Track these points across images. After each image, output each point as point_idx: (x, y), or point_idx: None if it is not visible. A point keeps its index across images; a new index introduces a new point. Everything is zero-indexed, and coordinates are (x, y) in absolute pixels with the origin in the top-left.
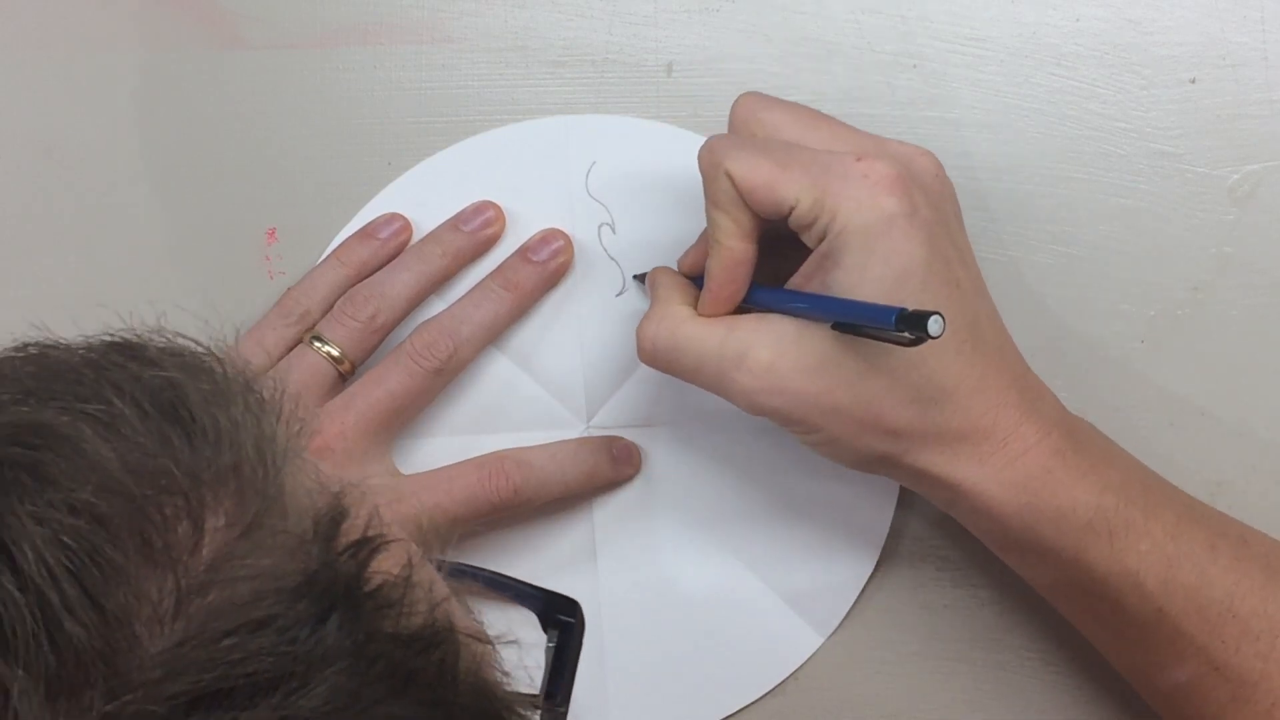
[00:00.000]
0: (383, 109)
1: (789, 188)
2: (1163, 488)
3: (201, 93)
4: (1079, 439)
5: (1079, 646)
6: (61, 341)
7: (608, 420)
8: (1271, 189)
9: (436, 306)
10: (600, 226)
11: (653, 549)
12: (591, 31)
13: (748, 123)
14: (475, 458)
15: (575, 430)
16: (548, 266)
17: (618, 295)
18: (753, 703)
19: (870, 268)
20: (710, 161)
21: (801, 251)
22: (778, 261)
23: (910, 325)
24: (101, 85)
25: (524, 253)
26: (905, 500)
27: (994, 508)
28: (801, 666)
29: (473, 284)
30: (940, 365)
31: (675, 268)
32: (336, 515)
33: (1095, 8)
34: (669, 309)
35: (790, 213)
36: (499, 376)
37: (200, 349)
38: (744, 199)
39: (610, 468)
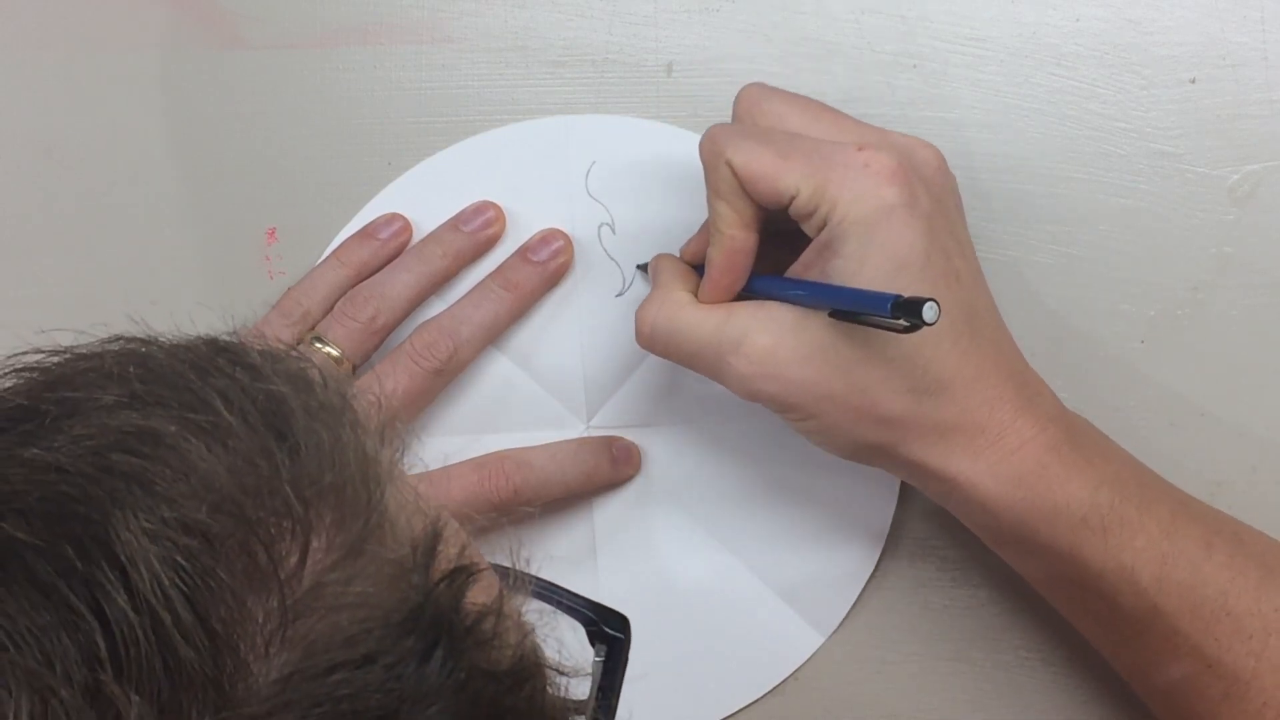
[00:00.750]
0: (383, 109)
1: (789, 177)
2: (1158, 485)
3: (201, 93)
4: (1075, 435)
5: (1079, 646)
6: (159, 338)
7: (608, 420)
8: (1271, 189)
9: (436, 307)
10: (600, 226)
11: (653, 549)
12: (591, 31)
13: (751, 112)
14: (475, 458)
15: (575, 430)
16: (548, 267)
17: (618, 295)
18: (753, 703)
19: (869, 257)
20: (712, 151)
21: (801, 241)
22: (778, 250)
23: (906, 312)
24: (101, 85)
25: (524, 253)
26: (905, 500)
27: (988, 502)
28: (801, 666)
29: (473, 284)
30: (937, 356)
31: (678, 256)
32: (433, 541)
33: (1095, 8)
34: (669, 294)
35: (791, 202)
36: (499, 376)
37: (299, 358)
38: (745, 188)
39: (610, 468)
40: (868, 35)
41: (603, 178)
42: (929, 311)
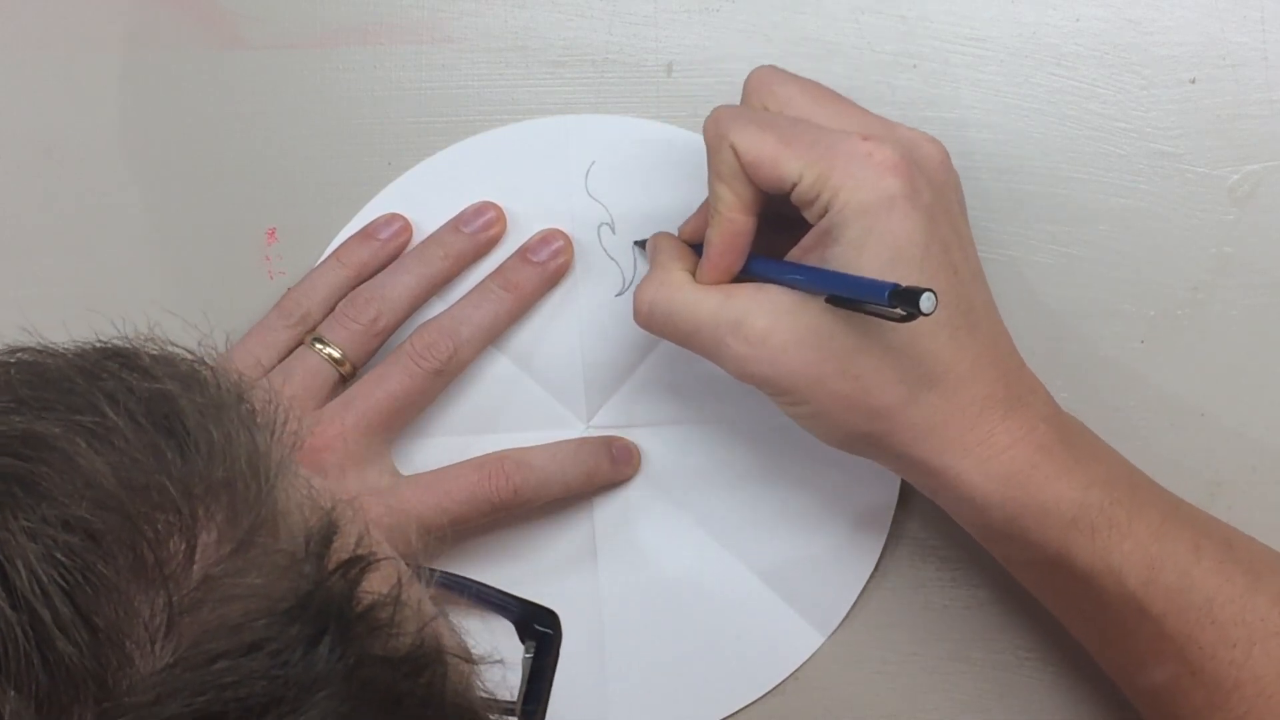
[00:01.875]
0: (383, 109)
1: (792, 164)
2: (1150, 487)
3: (201, 93)
4: (1067, 435)
5: (1078, 647)
6: (53, 347)
7: (608, 420)
8: (1271, 189)
9: (436, 307)
10: (600, 226)
11: (653, 549)
12: (591, 31)
13: (760, 95)
14: (475, 458)
15: (575, 430)
16: (548, 267)
17: (618, 295)
18: (753, 703)
19: (868, 246)
20: (715, 133)
21: (801, 225)
22: (777, 233)
23: (903, 301)
24: (102, 85)
25: (524, 253)
26: (905, 500)
27: (976, 498)
28: (801, 666)
29: (473, 284)
30: (932, 348)
31: (676, 234)
32: (328, 532)
33: (1095, 8)
34: (668, 274)
35: (792, 188)
36: (499, 376)
37: (193, 359)
38: (746, 172)
39: (610, 468)
40: (868, 35)
41: (602, 177)
42: (926, 301)
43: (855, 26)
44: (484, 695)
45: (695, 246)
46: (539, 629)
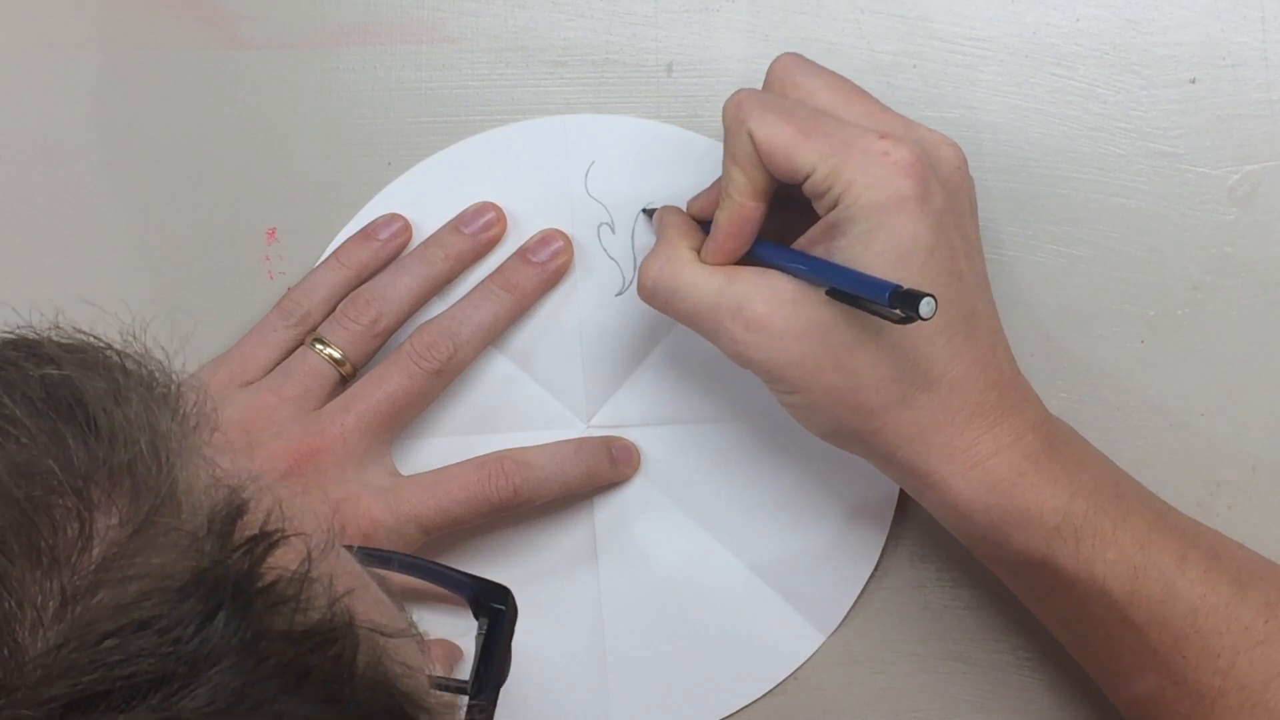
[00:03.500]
0: (383, 109)
1: (808, 155)
2: (1138, 495)
3: (201, 93)
4: (1054, 443)
5: None
6: None
7: (607, 420)
8: (1271, 189)
9: (436, 307)
10: (600, 226)
11: (653, 549)
12: (591, 31)
13: (782, 83)
14: (475, 458)
15: (575, 430)
16: (547, 267)
17: (618, 295)
18: (753, 702)
19: (874, 243)
20: (734, 117)
21: (810, 214)
22: (786, 219)
23: (903, 303)
24: (101, 85)
25: (523, 254)
26: (905, 501)
27: (960, 505)
28: (801, 666)
29: (473, 284)
30: (928, 352)
31: (684, 209)
32: (232, 511)
33: (1095, 8)
34: (674, 250)
35: (805, 179)
36: (499, 376)
37: (100, 344)
38: (761, 159)
39: (610, 468)
40: (868, 35)
41: (602, 178)
42: (925, 307)
43: (855, 26)
44: (409, 674)
45: (703, 223)
46: (493, 606)
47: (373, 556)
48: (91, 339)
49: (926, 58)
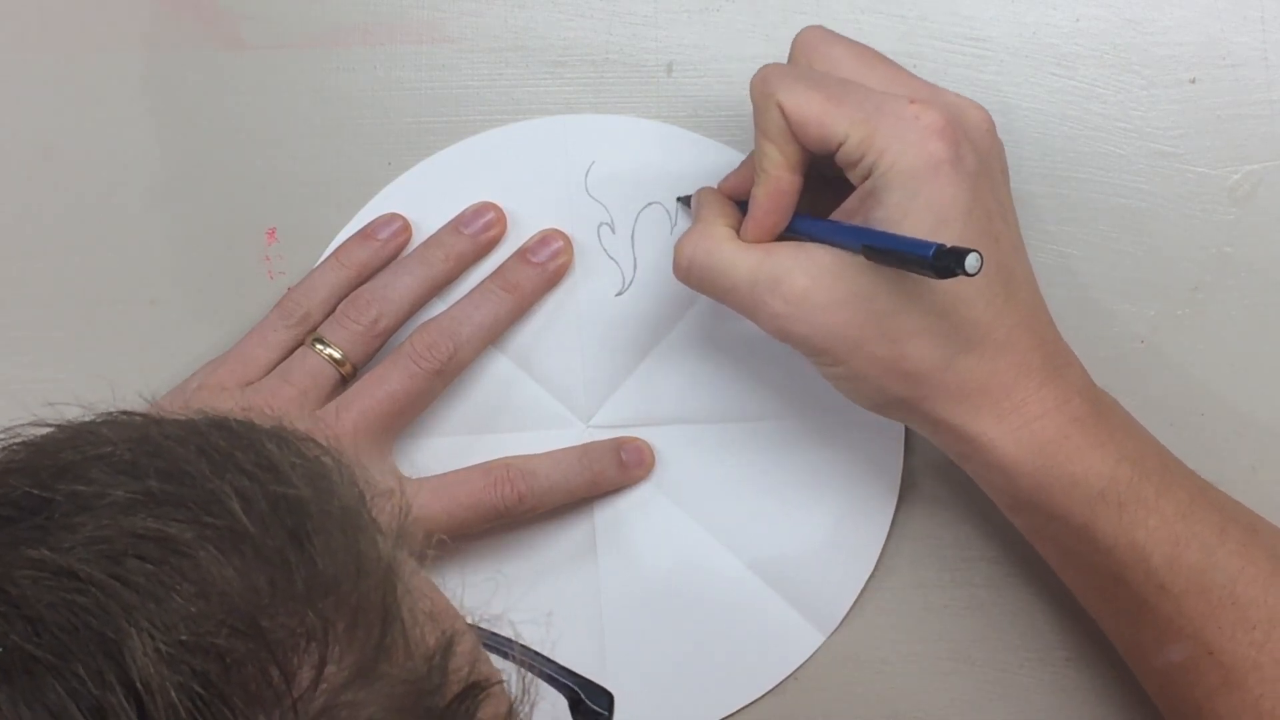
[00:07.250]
0: (383, 109)
1: (839, 123)
2: (1180, 469)
3: (201, 93)
4: (1101, 410)
5: (1078, 647)
6: (164, 418)
7: (607, 420)
8: (1271, 189)
9: (436, 307)
10: (600, 226)
11: (653, 548)
12: (591, 31)
13: (807, 54)
14: (481, 464)
15: (575, 429)
16: (547, 267)
17: (617, 295)
18: (753, 702)
19: (911, 209)
20: (763, 92)
21: (845, 186)
22: (820, 193)
23: (948, 260)
24: (101, 85)
25: (523, 254)
26: (906, 501)
27: (1007, 466)
28: (801, 666)
29: (473, 284)
30: (970, 314)
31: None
32: (446, 658)
33: (1095, 8)
34: (711, 228)
35: (838, 148)
36: (499, 376)
37: (318, 449)
38: (793, 131)
39: (617, 473)
40: (868, 35)
41: (602, 177)
42: (971, 262)
43: (855, 26)
44: None
45: (740, 203)
46: (594, 709)
47: (491, 643)
48: (301, 435)
49: (926, 58)
